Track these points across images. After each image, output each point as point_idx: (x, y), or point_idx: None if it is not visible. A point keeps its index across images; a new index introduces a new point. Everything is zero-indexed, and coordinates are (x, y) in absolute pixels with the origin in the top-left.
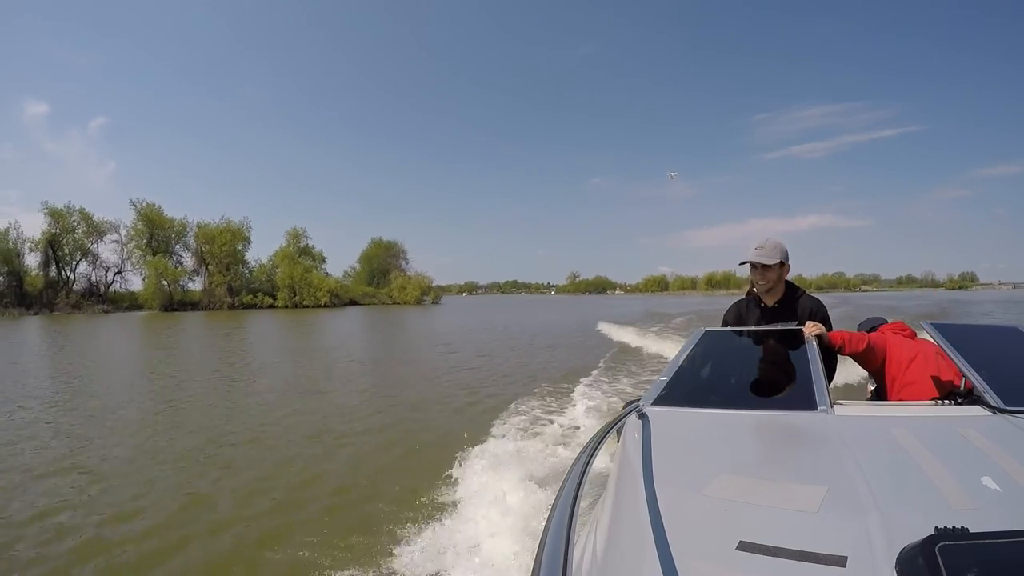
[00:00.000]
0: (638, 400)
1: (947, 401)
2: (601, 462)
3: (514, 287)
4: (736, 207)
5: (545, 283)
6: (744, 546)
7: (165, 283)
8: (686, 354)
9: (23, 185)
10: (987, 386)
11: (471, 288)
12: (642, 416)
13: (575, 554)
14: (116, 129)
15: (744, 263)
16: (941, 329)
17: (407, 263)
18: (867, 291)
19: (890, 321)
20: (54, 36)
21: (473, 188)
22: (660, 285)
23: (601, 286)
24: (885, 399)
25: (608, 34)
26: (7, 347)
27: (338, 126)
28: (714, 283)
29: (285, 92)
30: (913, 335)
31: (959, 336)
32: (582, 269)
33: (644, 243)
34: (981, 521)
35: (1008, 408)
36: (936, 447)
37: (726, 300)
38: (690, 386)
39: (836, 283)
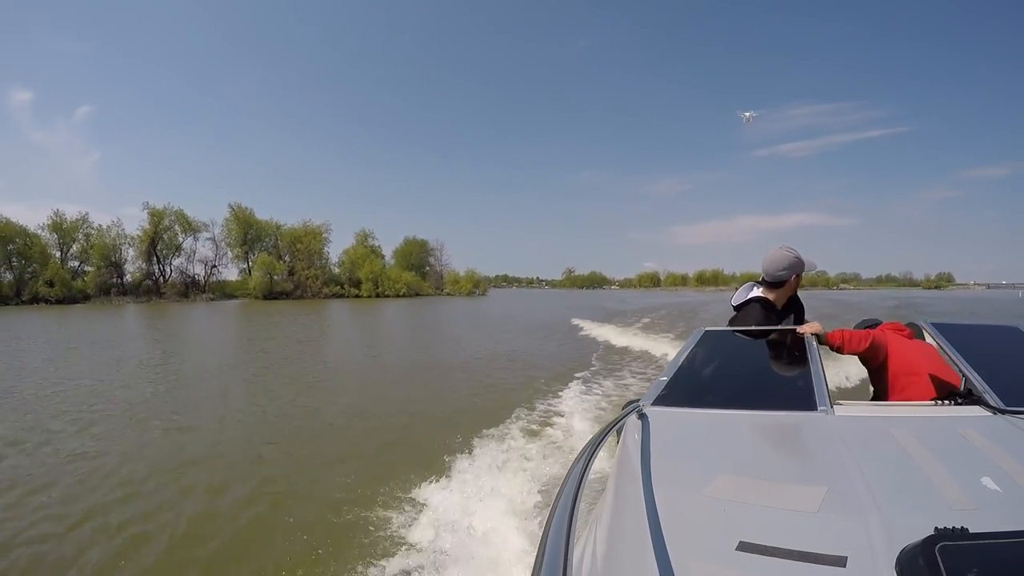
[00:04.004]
0: (638, 400)
1: (947, 401)
2: (601, 462)
3: (505, 281)
4: (725, 204)
5: (535, 277)
6: (744, 546)
7: (270, 275)
8: (686, 354)
9: (7, 175)
10: (987, 386)
11: None
12: (642, 416)
13: (575, 554)
14: (101, 119)
15: (809, 272)
16: (941, 329)
17: (436, 260)
18: (845, 289)
19: (885, 322)
20: (39, 21)
21: (458, 181)
22: (653, 281)
23: (597, 281)
24: (885, 399)
25: (602, 29)
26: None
27: (325, 118)
28: (704, 280)
29: (271, 85)
30: (911, 336)
31: (959, 336)
32: (571, 262)
33: (632, 237)
34: (981, 521)
35: (1008, 408)
36: (936, 447)
37: (714, 296)
38: (690, 386)
39: (817, 281)
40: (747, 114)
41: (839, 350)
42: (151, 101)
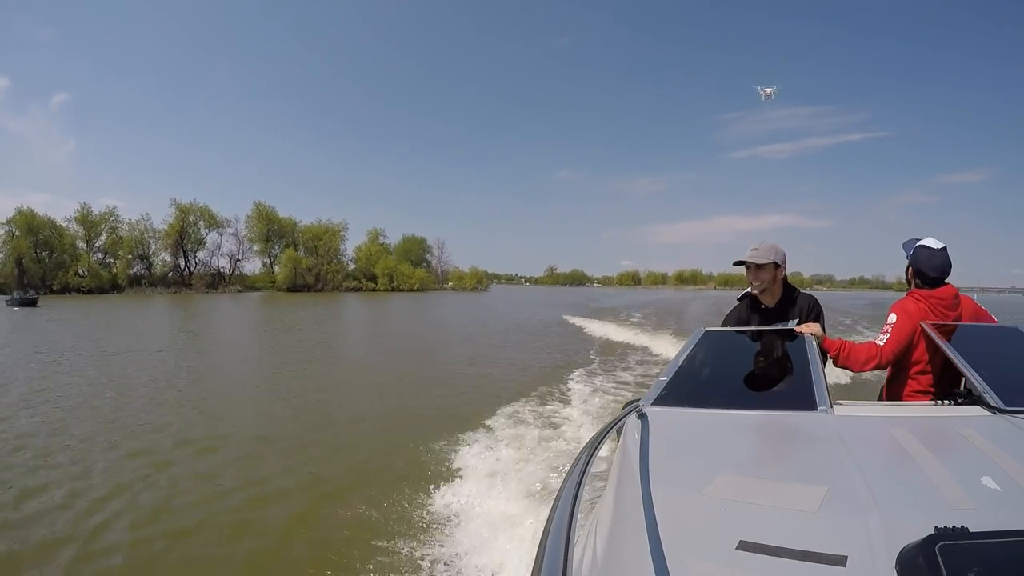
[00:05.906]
0: (638, 400)
1: (947, 401)
2: (601, 462)
3: (486, 278)
4: (703, 204)
5: (515, 274)
6: (744, 546)
7: (295, 269)
8: (686, 354)
9: None
10: (987, 386)
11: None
12: (642, 416)
13: (575, 554)
14: (77, 107)
15: (739, 263)
16: (941, 329)
17: (432, 257)
18: (818, 290)
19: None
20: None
21: (435, 180)
22: (634, 279)
23: (579, 279)
24: (891, 398)
25: (582, 28)
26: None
27: (299, 115)
28: (683, 279)
29: (249, 84)
30: (956, 304)
31: (959, 336)
32: (549, 259)
33: (609, 236)
34: (981, 521)
35: (1008, 408)
36: (936, 447)
37: (693, 295)
38: (690, 386)
39: (791, 282)
40: (767, 90)
41: (834, 360)
42: (132, 97)
